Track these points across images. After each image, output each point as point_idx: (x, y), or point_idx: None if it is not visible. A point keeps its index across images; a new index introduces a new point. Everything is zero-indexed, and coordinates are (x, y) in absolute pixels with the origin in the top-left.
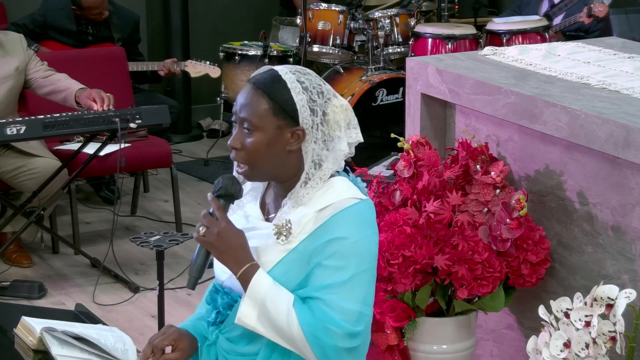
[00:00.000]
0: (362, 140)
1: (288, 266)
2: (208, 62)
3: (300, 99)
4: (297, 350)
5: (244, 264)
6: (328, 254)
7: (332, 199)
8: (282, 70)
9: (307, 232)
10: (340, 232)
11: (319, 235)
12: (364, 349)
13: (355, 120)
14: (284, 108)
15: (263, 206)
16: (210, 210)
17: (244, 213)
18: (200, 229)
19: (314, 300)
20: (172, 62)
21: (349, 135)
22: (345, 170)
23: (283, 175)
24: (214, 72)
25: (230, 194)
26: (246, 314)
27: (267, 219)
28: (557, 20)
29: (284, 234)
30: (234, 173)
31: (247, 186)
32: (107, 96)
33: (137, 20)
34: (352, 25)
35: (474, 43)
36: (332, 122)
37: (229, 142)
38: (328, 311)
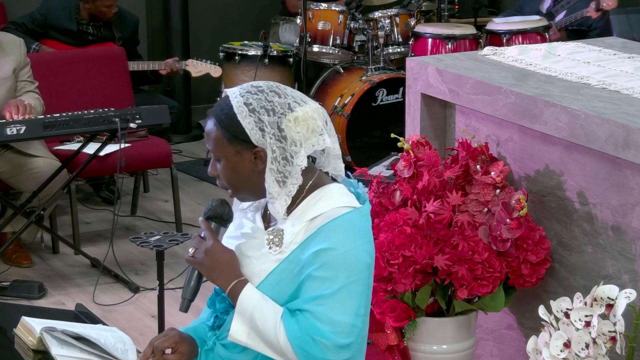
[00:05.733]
0: (328, 146)
1: (280, 276)
2: (209, 62)
3: (247, 122)
4: None
5: (232, 281)
6: (317, 264)
7: (323, 207)
8: (233, 93)
9: (298, 242)
10: (329, 243)
11: (309, 245)
12: (358, 358)
13: (325, 126)
14: (234, 134)
15: (266, 215)
16: (202, 234)
17: (246, 221)
18: (190, 250)
19: (303, 312)
20: (173, 61)
21: (316, 142)
22: (347, 175)
23: (265, 194)
24: (215, 71)
25: (219, 216)
26: (237, 331)
27: (268, 227)
28: (559, 17)
29: (276, 243)
30: None
31: None
32: (23, 105)
33: (136, 22)
34: (352, 25)
35: (474, 43)
36: (289, 137)
37: (208, 171)
38: (316, 323)
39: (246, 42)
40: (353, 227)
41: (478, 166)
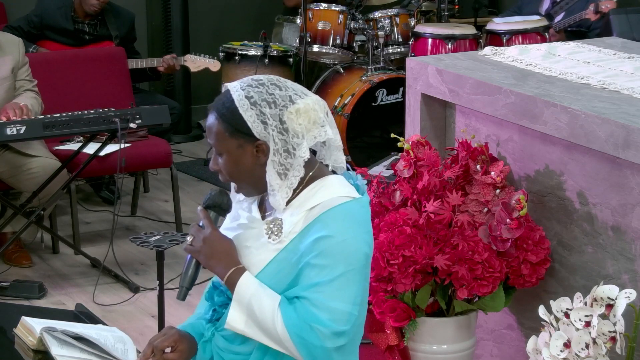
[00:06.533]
0: (330, 137)
1: (279, 265)
2: (207, 56)
3: (249, 115)
4: (287, 352)
5: (230, 269)
6: (315, 252)
7: (322, 197)
8: (234, 87)
9: (297, 231)
10: (327, 231)
11: (307, 234)
12: (353, 346)
13: (327, 117)
14: (237, 127)
15: (262, 205)
16: (200, 223)
17: (242, 212)
18: (188, 238)
19: (301, 299)
20: (171, 57)
21: (317, 134)
22: (347, 168)
23: (267, 187)
24: (214, 65)
25: (218, 205)
26: (234, 319)
27: (264, 217)
28: (558, 19)
29: (275, 233)
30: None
31: None
32: (20, 107)
33: (132, 18)
34: (352, 25)
35: (474, 43)
36: (290, 129)
37: (209, 166)
38: (313, 310)
39: (246, 42)
40: (352, 216)
41: (478, 166)
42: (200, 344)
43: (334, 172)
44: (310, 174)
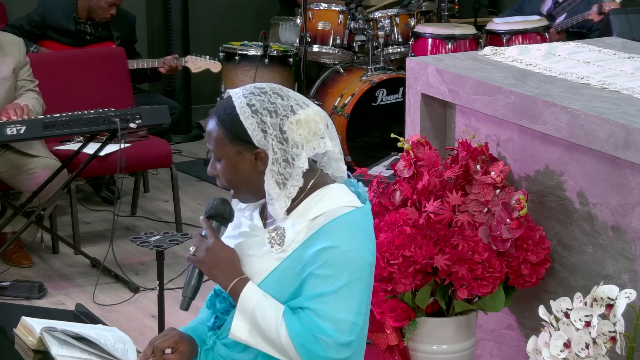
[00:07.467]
0: (329, 149)
1: (282, 274)
2: (208, 57)
3: (250, 122)
4: None
5: (233, 279)
6: (320, 263)
7: (325, 207)
8: (236, 94)
9: (300, 241)
10: (331, 241)
11: (311, 243)
12: (358, 356)
13: (327, 129)
14: (237, 134)
15: (263, 212)
16: (203, 233)
17: (244, 220)
18: (191, 248)
19: (305, 310)
20: (172, 58)
21: (317, 145)
22: (348, 176)
23: (264, 195)
24: (215, 67)
25: (220, 215)
26: (238, 328)
27: (266, 225)
28: (560, 19)
29: (277, 242)
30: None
31: None
32: (20, 107)
33: (133, 20)
34: (352, 25)
35: (474, 43)
36: (290, 139)
37: (207, 170)
38: (318, 321)
39: (246, 42)
40: (355, 225)
41: (478, 166)
42: (202, 351)
43: (334, 180)
44: (312, 182)
